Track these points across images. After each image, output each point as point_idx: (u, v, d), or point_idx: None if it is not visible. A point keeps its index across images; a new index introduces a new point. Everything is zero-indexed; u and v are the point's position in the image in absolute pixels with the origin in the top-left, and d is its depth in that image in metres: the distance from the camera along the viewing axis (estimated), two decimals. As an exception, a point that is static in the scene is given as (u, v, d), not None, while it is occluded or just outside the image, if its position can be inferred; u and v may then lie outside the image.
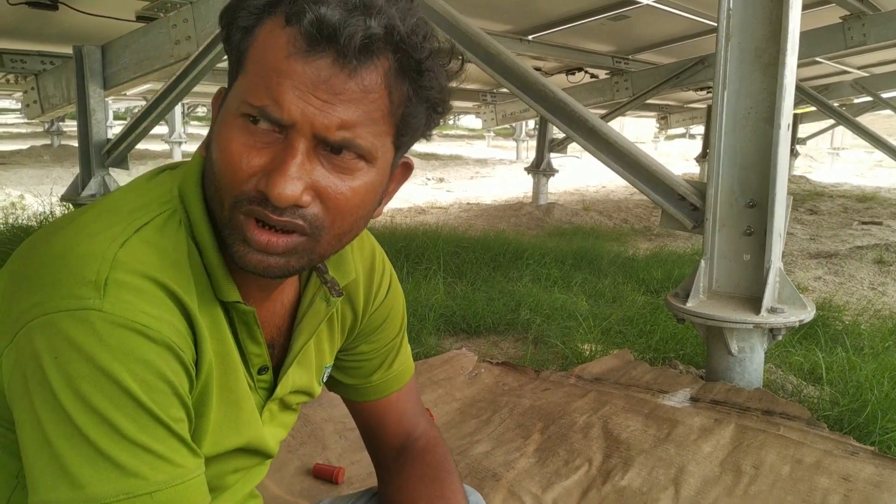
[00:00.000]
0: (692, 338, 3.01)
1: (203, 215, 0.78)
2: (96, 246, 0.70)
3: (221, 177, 0.73)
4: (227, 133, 0.73)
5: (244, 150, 0.71)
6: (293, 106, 0.69)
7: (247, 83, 0.72)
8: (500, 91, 9.25)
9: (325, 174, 0.72)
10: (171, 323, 0.71)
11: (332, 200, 0.73)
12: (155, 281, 0.71)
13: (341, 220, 0.75)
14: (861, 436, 2.17)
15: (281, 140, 0.71)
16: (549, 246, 5.37)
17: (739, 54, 2.33)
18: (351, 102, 0.70)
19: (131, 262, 0.70)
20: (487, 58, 2.90)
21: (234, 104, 0.73)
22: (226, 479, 0.90)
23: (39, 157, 13.65)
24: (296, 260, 0.75)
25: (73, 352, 0.66)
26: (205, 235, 0.78)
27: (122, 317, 0.67)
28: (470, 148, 22.35)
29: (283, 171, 0.70)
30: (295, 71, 0.69)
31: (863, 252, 5.33)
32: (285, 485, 1.92)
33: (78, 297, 0.67)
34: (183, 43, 3.71)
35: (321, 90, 0.69)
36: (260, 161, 0.71)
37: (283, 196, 0.69)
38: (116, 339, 0.67)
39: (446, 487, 1.04)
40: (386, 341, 1.07)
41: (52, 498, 0.66)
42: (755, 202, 2.35)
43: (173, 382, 0.71)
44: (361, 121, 0.71)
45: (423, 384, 2.61)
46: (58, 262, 0.70)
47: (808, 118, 11.83)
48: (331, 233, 0.76)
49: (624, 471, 1.96)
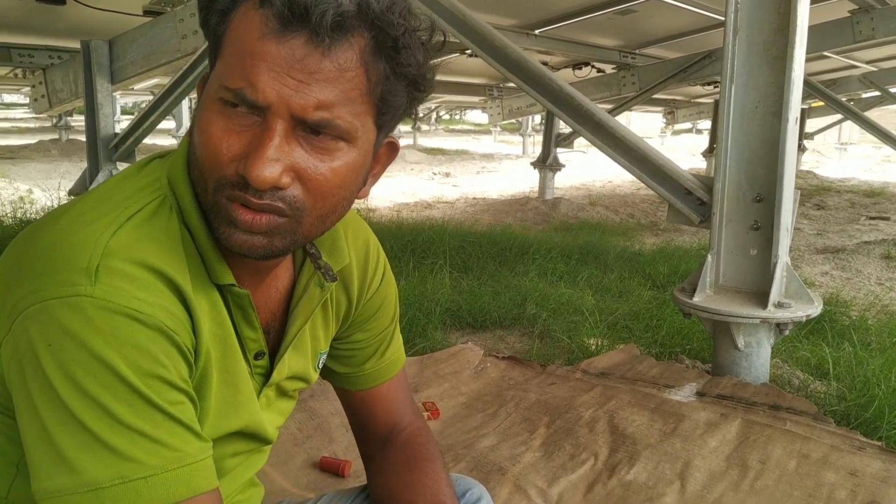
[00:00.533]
0: (698, 332, 3.00)
1: (192, 200, 0.78)
2: (89, 234, 0.71)
3: (203, 161, 0.74)
4: (207, 118, 0.73)
5: (223, 135, 0.72)
6: (268, 87, 0.69)
7: (223, 67, 0.72)
8: (506, 86, 9.24)
9: (304, 156, 0.72)
10: (164, 307, 0.72)
11: (312, 182, 0.73)
12: (148, 267, 0.72)
13: (322, 201, 0.76)
14: (868, 431, 2.17)
15: (259, 123, 0.71)
16: (555, 241, 5.37)
17: (747, 48, 2.32)
18: (327, 82, 0.70)
19: (123, 249, 0.71)
20: (494, 52, 2.90)
21: (213, 88, 0.73)
22: (225, 462, 0.90)
23: (47, 151, 13.69)
24: (279, 240, 0.76)
25: (66, 338, 0.67)
26: (195, 220, 0.78)
27: (114, 302, 0.68)
28: (476, 143, 22.34)
29: (260, 153, 0.70)
30: (269, 52, 0.69)
31: (870, 247, 5.31)
32: (292, 477, 1.92)
33: (70, 283, 0.68)
34: (190, 37, 3.72)
35: (296, 70, 0.69)
36: (239, 144, 0.72)
37: (262, 178, 0.70)
38: (108, 324, 0.67)
39: (426, 475, 1.03)
40: (379, 330, 1.07)
41: (50, 484, 0.67)
42: (762, 196, 2.35)
43: (168, 366, 0.71)
44: (339, 100, 0.71)
45: (429, 378, 2.61)
46: (52, 251, 0.70)
47: (815, 113, 11.78)
48: (312, 214, 0.76)
49: (630, 465, 1.96)
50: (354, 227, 1.00)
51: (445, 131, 27.99)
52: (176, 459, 0.70)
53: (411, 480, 1.03)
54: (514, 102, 9.43)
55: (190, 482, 0.71)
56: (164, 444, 0.70)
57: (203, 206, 0.77)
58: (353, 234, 0.99)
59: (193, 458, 0.72)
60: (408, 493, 1.02)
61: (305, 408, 2.23)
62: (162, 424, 0.70)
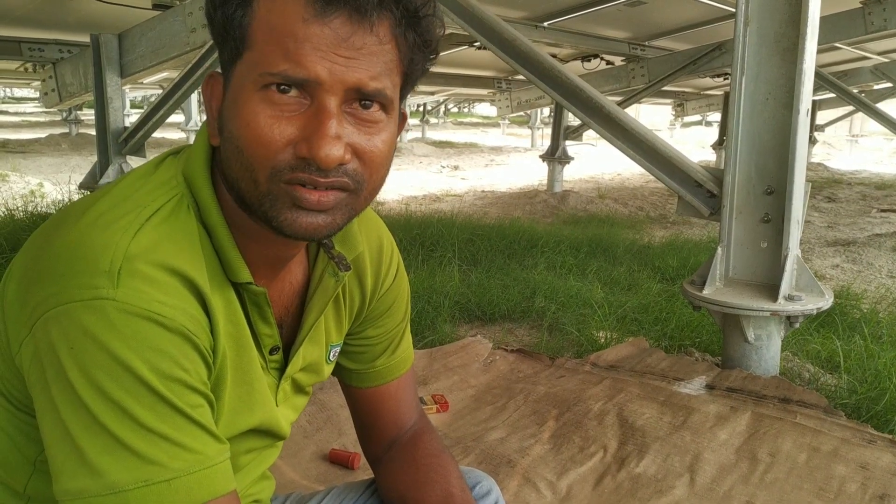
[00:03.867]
0: (708, 325, 2.99)
1: (212, 198, 0.78)
2: (109, 236, 0.71)
3: (252, 152, 0.72)
4: (250, 108, 0.72)
5: (273, 122, 0.71)
6: (318, 65, 0.69)
7: (258, 55, 0.71)
8: (515, 78, 9.20)
9: (353, 132, 0.73)
10: (185, 310, 0.72)
11: (367, 155, 0.75)
12: (168, 269, 0.72)
13: (377, 174, 0.77)
14: (879, 424, 2.16)
15: (308, 105, 0.71)
16: (563, 234, 5.36)
17: (758, 39, 2.30)
18: (371, 56, 0.71)
19: (144, 251, 0.71)
20: (503, 44, 2.89)
21: (249, 79, 0.72)
22: (239, 459, 0.91)
23: (58, 145, 13.75)
24: (340, 216, 0.77)
25: (88, 341, 0.67)
26: (215, 217, 0.78)
27: (136, 306, 0.68)
28: (485, 136, 22.30)
29: (322, 132, 0.70)
30: (314, 33, 0.69)
31: (881, 240, 5.28)
32: (301, 469, 1.93)
33: (92, 286, 0.68)
34: (199, 31, 3.72)
35: (342, 48, 0.70)
36: (291, 129, 0.71)
37: (331, 157, 0.70)
38: (131, 328, 0.68)
39: (435, 471, 1.03)
40: (392, 326, 1.08)
41: (73, 486, 0.67)
42: (773, 189, 2.33)
43: (189, 370, 0.71)
44: (383, 72, 0.73)
45: (438, 371, 2.62)
46: (72, 253, 0.70)
47: (826, 105, 11.68)
48: (369, 186, 0.77)
49: (639, 458, 1.96)
50: (367, 220, 1.00)
51: (454, 124, 27.96)
52: (197, 462, 0.70)
53: (421, 478, 1.03)
54: (522, 95, 9.39)
55: (210, 484, 0.71)
56: (186, 447, 0.70)
57: (249, 201, 0.76)
58: (365, 227, 0.99)
59: (213, 461, 0.72)
60: (418, 490, 1.01)
61: (315, 400, 2.24)
62: (183, 428, 0.70)
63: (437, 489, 1.00)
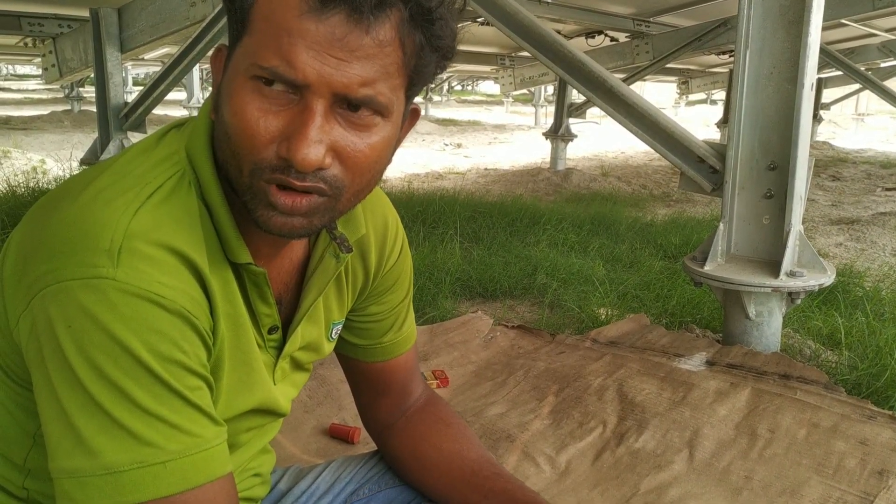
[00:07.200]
0: (709, 302, 2.99)
1: (213, 177, 0.77)
2: (109, 214, 0.69)
3: (238, 143, 0.71)
4: (240, 97, 0.70)
5: (260, 115, 0.70)
6: (308, 66, 0.67)
7: (254, 43, 0.70)
8: (518, 55, 9.14)
9: (342, 133, 0.71)
10: (185, 291, 0.71)
11: (351, 159, 0.72)
12: (169, 248, 0.71)
13: (360, 178, 0.75)
14: (879, 400, 2.16)
15: (296, 102, 0.69)
16: (566, 211, 5.34)
17: (763, 12, 2.27)
18: (367, 59, 0.68)
19: (145, 230, 0.70)
20: (505, 18, 2.86)
21: (243, 65, 0.71)
22: (239, 437, 0.91)
23: (60, 122, 13.71)
24: (318, 219, 0.75)
25: (86, 321, 0.66)
26: (216, 197, 0.77)
27: (136, 286, 0.67)
28: (488, 114, 22.19)
29: (303, 135, 0.68)
30: (308, 30, 0.67)
31: (885, 218, 5.26)
32: (301, 444, 1.94)
33: (92, 265, 0.67)
34: (199, 5, 3.69)
35: (336, 48, 0.67)
36: (277, 124, 0.70)
37: (307, 161, 0.68)
38: (130, 308, 0.67)
39: (457, 430, 1.10)
40: (396, 303, 1.07)
41: (68, 465, 0.67)
42: (776, 164, 2.32)
43: (188, 352, 0.71)
44: (379, 76, 0.70)
45: (439, 347, 2.62)
46: (72, 230, 0.69)
47: (832, 83, 11.59)
48: (350, 191, 0.75)
49: (638, 433, 1.97)
50: (373, 198, 0.99)
51: (457, 102, 27.81)
52: (194, 445, 0.70)
53: (452, 433, 1.09)
54: (526, 72, 9.33)
55: (206, 467, 0.71)
56: (183, 430, 0.70)
57: (235, 187, 0.75)
58: (370, 206, 0.98)
59: (210, 444, 0.72)
60: (455, 441, 1.08)
61: (315, 375, 2.24)
62: (181, 410, 0.70)
63: (473, 445, 1.08)
